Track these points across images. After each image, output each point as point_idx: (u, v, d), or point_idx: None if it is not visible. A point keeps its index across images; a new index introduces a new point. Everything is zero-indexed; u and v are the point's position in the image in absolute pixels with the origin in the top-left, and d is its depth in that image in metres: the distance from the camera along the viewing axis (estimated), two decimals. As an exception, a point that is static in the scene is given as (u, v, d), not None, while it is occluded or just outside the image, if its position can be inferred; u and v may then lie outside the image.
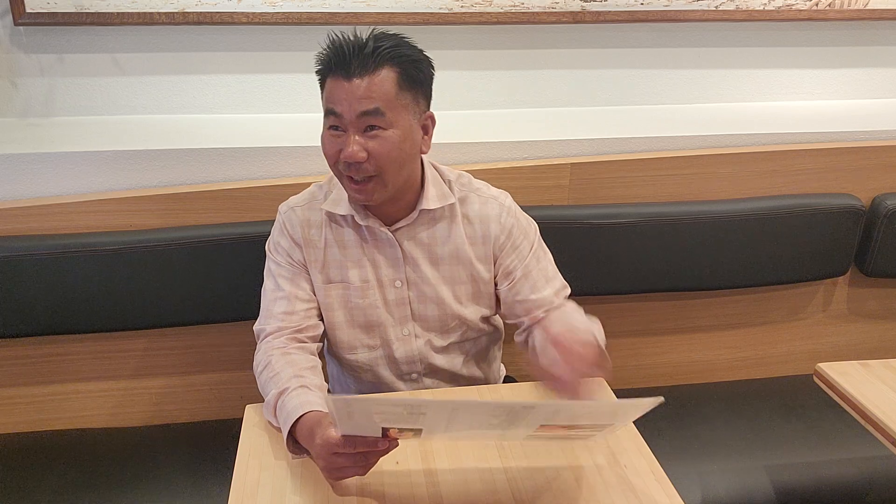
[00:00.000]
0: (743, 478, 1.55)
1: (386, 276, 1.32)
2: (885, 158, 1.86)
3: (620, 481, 1.08)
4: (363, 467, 1.01)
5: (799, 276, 1.88)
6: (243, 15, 1.75)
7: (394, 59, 1.16)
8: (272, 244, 1.34)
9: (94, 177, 1.63)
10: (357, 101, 1.14)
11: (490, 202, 1.33)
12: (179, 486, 1.48)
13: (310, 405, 1.10)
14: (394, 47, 1.16)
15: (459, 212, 1.32)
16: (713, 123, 1.89)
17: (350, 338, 1.35)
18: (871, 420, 1.23)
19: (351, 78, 1.14)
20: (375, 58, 1.14)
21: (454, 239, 1.32)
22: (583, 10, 1.87)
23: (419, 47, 1.21)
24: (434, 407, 0.92)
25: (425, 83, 1.22)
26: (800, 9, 1.95)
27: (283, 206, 1.34)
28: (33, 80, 1.78)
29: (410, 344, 1.36)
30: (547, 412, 0.97)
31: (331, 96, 1.18)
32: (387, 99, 1.15)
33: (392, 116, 1.16)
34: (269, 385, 1.18)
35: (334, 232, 1.31)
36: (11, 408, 1.73)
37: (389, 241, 1.30)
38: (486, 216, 1.32)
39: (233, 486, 1.07)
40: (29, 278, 1.56)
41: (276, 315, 1.28)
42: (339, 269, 1.31)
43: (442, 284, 1.33)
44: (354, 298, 1.32)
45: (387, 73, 1.15)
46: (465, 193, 1.33)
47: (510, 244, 1.33)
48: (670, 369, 1.99)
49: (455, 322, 1.36)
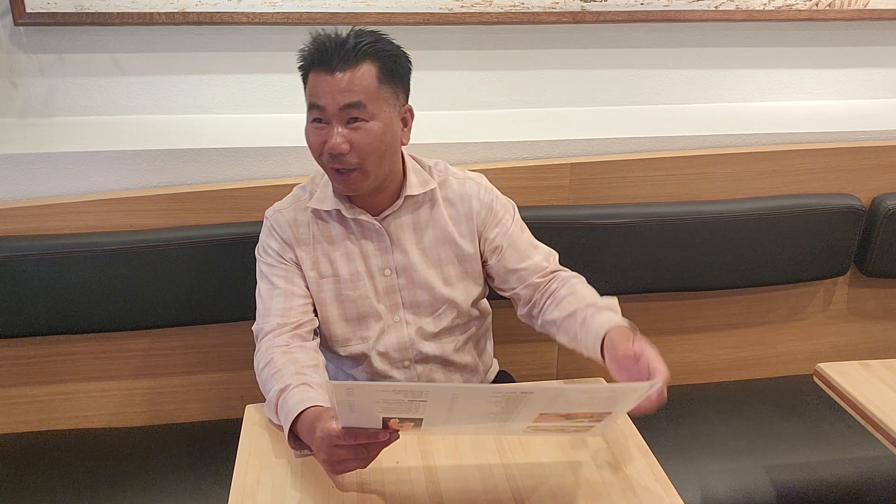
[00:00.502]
0: (743, 478, 1.55)
1: (375, 265, 1.35)
2: (885, 158, 1.86)
3: (620, 481, 1.08)
4: (364, 460, 1.01)
5: (799, 276, 1.88)
6: (243, 15, 1.75)
7: (374, 54, 1.20)
8: (262, 248, 1.36)
9: (94, 177, 1.63)
10: (340, 94, 1.18)
11: (468, 182, 1.39)
12: (180, 485, 1.48)
13: (311, 401, 1.10)
14: (373, 43, 1.21)
15: (440, 195, 1.36)
16: (713, 123, 1.89)
17: (343, 331, 1.36)
18: (871, 420, 1.23)
19: (333, 72, 1.18)
20: (356, 53, 1.19)
21: (437, 221, 1.36)
22: (583, 10, 1.87)
23: (396, 43, 1.25)
24: (434, 392, 0.93)
25: (404, 77, 1.26)
26: (800, 9, 1.95)
27: (269, 210, 1.38)
28: (33, 80, 1.78)
29: (402, 331, 1.37)
30: (545, 398, 0.97)
31: (314, 90, 1.21)
32: (368, 92, 1.19)
33: (373, 109, 1.20)
34: (271, 382, 1.18)
35: (321, 228, 1.34)
36: (11, 408, 1.73)
37: (377, 230, 1.33)
38: (465, 195, 1.37)
39: (233, 486, 1.07)
40: (29, 278, 1.56)
41: (274, 312, 1.29)
42: (329, 264, 1.34)
43: (430, 268, 1.36)
44: (345, 291, 1.34)
45: (367, 67, 1.19)
46: (444, 177, 1.38)
47: (492, 218, 1.38)
48: (670, 369, 1.97)
49: (445, 306, 1.38)
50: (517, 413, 0.98)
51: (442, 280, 1.37)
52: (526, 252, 1.37)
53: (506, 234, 1.38)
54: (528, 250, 1.38)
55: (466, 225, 1.37)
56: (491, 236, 1.38)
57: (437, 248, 1.36)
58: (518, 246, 1.38)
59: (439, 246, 1.36)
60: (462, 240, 1.37)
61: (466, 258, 1.38)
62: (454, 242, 1.37)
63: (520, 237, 1.39)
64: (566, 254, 1.41)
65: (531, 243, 1.40)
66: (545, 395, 0.97)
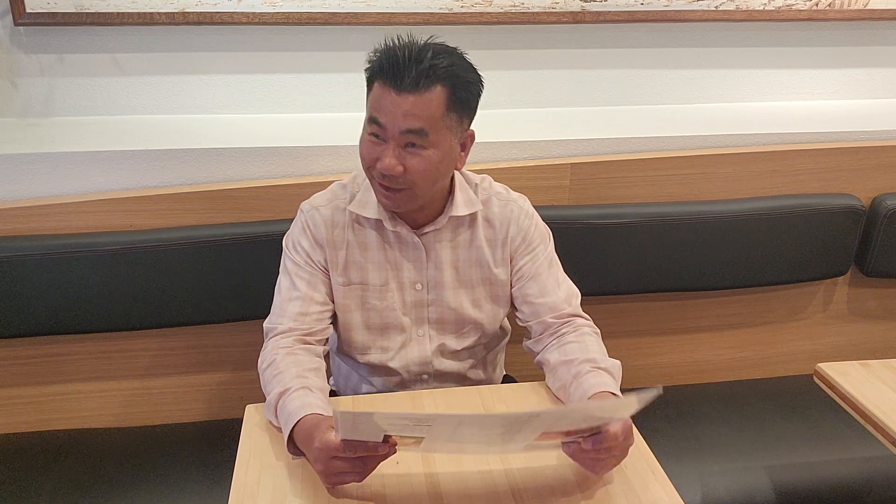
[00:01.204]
0: (743, 478, 1.55)
1: (407, 278, 1.32)
2: (885, 158, 1.86)
3: (620, 481, 1.08)
4: (361, 473, 1.01)
5: (799, 276, 1.88)
6: (243, 15, 1.75)
7: (448, 78, 1.14)
8: (291, 242, 1.32)
9: (94, 177, 1.63)
10: (403, 118, 1.13)
11: (510, 205, 1.34)
12: (180, 486, 1.48)
13: (310, 407, 1.10)
14: (450, 66, 1.14)
15: (480, 216, 1.32)
16: (713, 123, 1.89)
17: (364, 339, 1.35)
18: (871, 420, 1.23)
19: (401, 91, 1.12)
20: (430, 75, 1.12)
21: (476, 243, 1.32)
22: (583, 10, 1.87)
23: (473, 65, 1.19)
24: (440, 420, 0.92)
25: (472, 103, 1.21)
26: (800, 9, 1.95)
27: (306, 204, 1.32)
28: (33, 80, 1.78)
29: (424, 345, 1.35)
30: (550, 418, 0.97)
31: (376, 104, 1.15)
32: (432, 119, 1.14)
33: (434, 137, 1.15)
34: (272, 384, 1.18)
35: (356, 233, 1.30)
36: (11, 408, 1.73)
37: (415, 244, 1.30)
38: (505, 218, 1.33)
39: (233, 486, 1.07)
40: (29, 278, 1.56)
41: (288, 315, 1.27)
42: (359, 271, 1.31)
43: (460, 288, 1.34)
44: (372, 300, 1.32)
45: (438, 92, 1.13)
46: (487, 196, 1.34)
47: (525, 245, 1.33)
48: (670, 369, 1.99)
49: (470, 326, 1.36)
50: (520, 433, 0.98)
51: (471, 302, 1.34)
52: (547, 288, 1.32)
53: (533, 265, 1.33)
54: (551, 286, 1.32)
55: (501, 249, 1.33)
56: (521, 263, 1.34)
57: (470, 269, 1.33)
58: (541, 279, 1.32)
59: (472, 267, 1.33)
60: (494, 264, 1.34)
61: (497, 283, 1.35)
62: (488, 267, 1.33)
63: (546, 271, 1.33)
64: (566, 254, 1.41)
65: (556, 279, 1.34)
66: (550, 417, 0.97)
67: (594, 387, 1.14)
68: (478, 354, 1.42)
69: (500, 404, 1.25)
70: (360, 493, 1.05)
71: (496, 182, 1.37)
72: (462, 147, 1.23)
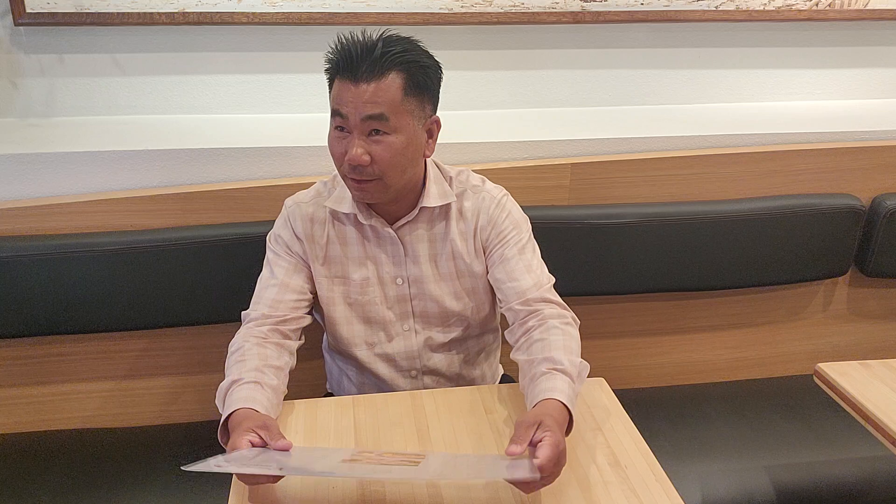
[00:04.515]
0: (743, 478, 1.55)
1: (387, 273, 1.34)
2: (885, 158, 1.86)
3: (620, 481, 1.08)
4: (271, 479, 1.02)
5: (799, 276, 1.88)
6: (243, 15, 1.75)
7: (402, 63, 1.17)
8: (273, 235, 1.35)
9: (94, 177, 1.63)
10: (362, 106, 1.16)
11: (483, 194, 1.35)
12: (179, 486, 1.48)
13: (251, 402, 1.11)
14: (402, 52, 1.17)
15: (454, 208, 1.34)
16: (713, 123, 1.89)
17: (350, 333, 1.36)
18: (871, 420, 1.23)
19: (358, 82, 1.16)
20: (383, 62, 1.15)
21: (450, 235, 1.34)
22: (583, 10, 1.87)
23: (429, 51, 1.21)
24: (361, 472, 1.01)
25: (432, 88, 1.23)
26: (800, 9, 1.95)
27: (289, 200, 1.36)
28: (33, 80, 1.78)
29: (410, 339, 1.37)
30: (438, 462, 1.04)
31: (337, 97, 1.19)
32: (392, 104, 1.16)
33: (396, 122, 1.17)
34: (232, 369, 1.19)
35: (336, 229, 1.33)
36: (11, 408, 1.73)
37: (391, 238, 1.32)
38: (476, 210, 1.34)
39: (233, 487, 1.07)
40: (29, 278, 1.56)
41: (264, 301, 1.29)
42: (341, 266, 1.34)
43: (441, 281, 1.35)
44: (354, 294, 1.34)
45: (393, 78, 1.16)
46: (462, 189, 1.35)
47: (496, 234, 1.33)
48: (670, 369, 1.98)
49: (454, 319, 1.37)
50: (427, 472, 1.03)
51: (452, 294, 1.36)
52: (515, 273, 1.29)
53: (502, 251, 1.32)
54: (518, 272, 1.29)
55: (473, 241, 1.34)
56: (492, 252, 1.34)
57: (448, 262, 1.35)
58: (510, 264, 1.30)
59: (449, 260, 1.35)
60: (470, 257, 1.35)
61: (475, 275, 1.36)
62: (463, 259, 1.35)
63: (517, 256, 1.31)
64: (566, 254, 1.41)
65: (527, 265, 1.30)
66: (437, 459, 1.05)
67: (542, 392, 1.10)
68: (468, 348, 1.42)
69: (499, 404, 1.25)
70: (360, 490, 1.05)
71: (475, 174, 1.38)
72: (429, 134, 1.26)
